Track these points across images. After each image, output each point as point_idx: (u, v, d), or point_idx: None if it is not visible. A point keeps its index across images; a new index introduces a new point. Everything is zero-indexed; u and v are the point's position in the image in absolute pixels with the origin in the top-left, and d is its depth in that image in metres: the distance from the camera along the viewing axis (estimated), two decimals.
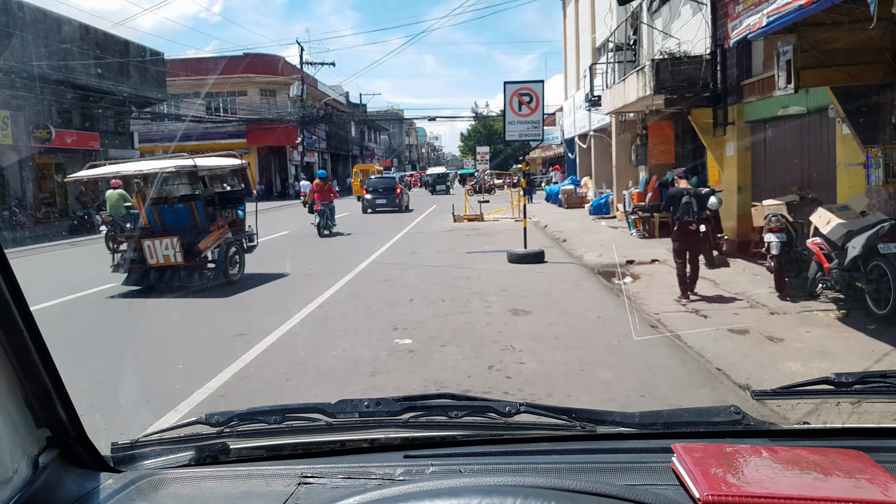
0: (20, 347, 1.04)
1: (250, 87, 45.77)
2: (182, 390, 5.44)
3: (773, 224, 8.39)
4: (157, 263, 10.22)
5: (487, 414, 1.39)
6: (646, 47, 17.34)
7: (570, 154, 33.51)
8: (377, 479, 1.20)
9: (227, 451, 1.33)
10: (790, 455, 1.21)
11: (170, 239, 10.14)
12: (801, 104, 9.81)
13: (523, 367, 5.84)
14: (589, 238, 15.93)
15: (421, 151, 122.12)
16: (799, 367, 5.60)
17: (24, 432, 1.06)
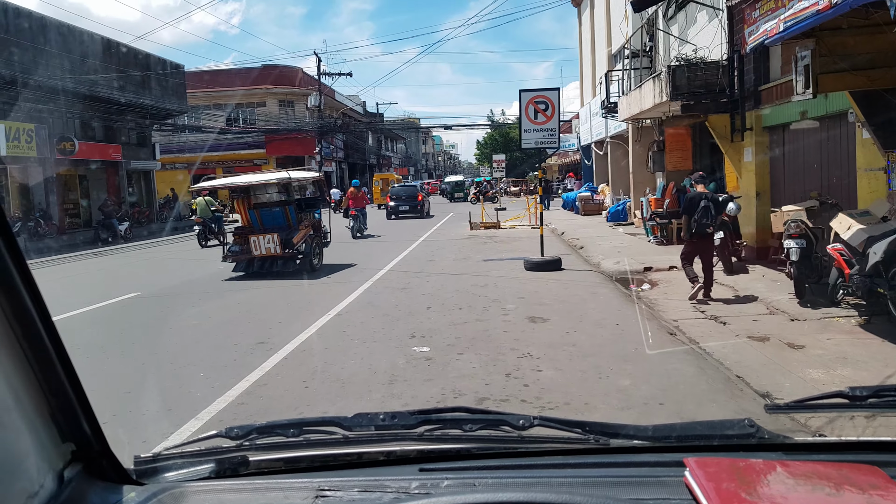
0: (46, 364, 1.06)
1: (269, 98, 46.20)
2: (203, 398, 5.50)
3: (792, 230, 8.33)
4: (260, 254, 12.92)
5: (501, 427, 1.40)
6: (662, 53, 17.31)
7: (586, 161, 33.43)
8: (393, 493, 1.21)
9: (246, 464, 1.35)
10: (803, 469, 1.21)
11: (270, 235, 12.84)
12: (820, 109, 9.75)
13: (541, 374, 5.84)
14: (606, 245, 15.88)
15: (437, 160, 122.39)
16: (820, 374, 5.56)
17: (49, 447, 1.08)
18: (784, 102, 10.37)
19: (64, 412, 1.11)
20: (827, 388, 5.16)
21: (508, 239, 18.87)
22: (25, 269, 1.01)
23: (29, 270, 1.02)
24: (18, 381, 1.02)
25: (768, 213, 10.78)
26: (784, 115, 10.84)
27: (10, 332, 1.00)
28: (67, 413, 1.12)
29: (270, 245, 12.82)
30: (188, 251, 19.90)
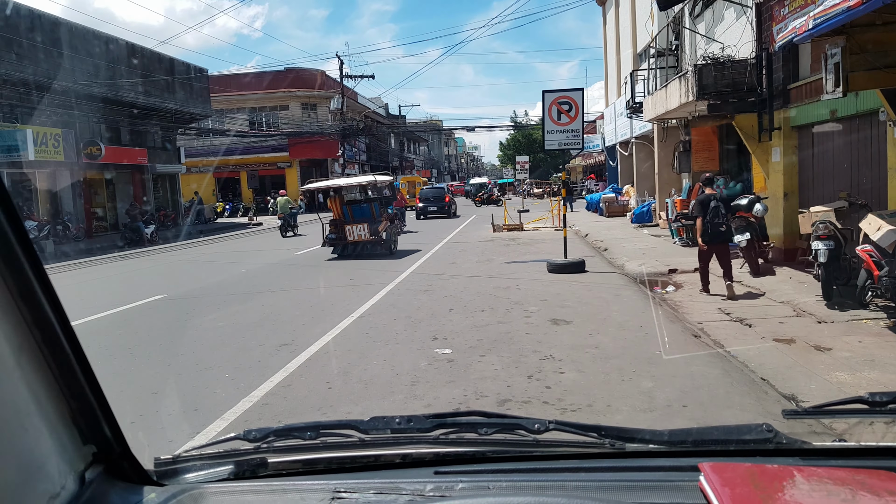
0: (66, 368, 1.08)
1: (292, 101, 46.53)
2: (228, 399, 5.54)
3: (820, 231, 8.20)
4: (352, 240, 16.45)
5: (517, 431, 1.40)
6: (688, 52, 17.15)
7: (611, 162, 33.24)
8: (408, 495, 1.22)
9: (264, 466, 1.37)
10: (820, 475, 1.19)
11: (360, 225, 16.44)
12: (850, 108, 9.59)
13: (563, 376, 5.80)
14: (630, 247, 15.76)
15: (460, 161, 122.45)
16: (846, 376, 5.46)
17: (71, 449, 1.10)
18: (813, 101, 10.22)
19: (84, 415, 1.13)
20: (854, 391, 5.07)
21: (531, 241, 18.81)
22: (44, 276, 1.03)
23: (48, 277, 1.04)
24: (39, 385, 1.04)
25: (796, 214, 10.62)
26: (813, 115, 10.68)
27: (31, 337, 1.02)
28: (88, 416, 1.14)
29: (361, 233, 16.40)
30: (214, 253, 20.13)
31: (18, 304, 0.99)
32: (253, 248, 21.21)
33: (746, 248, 10.66)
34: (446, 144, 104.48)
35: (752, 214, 10.89)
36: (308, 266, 11.83)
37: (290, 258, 17.42)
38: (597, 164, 42.86)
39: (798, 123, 11.32)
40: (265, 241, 23.46)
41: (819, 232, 8.22)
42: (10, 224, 0.95)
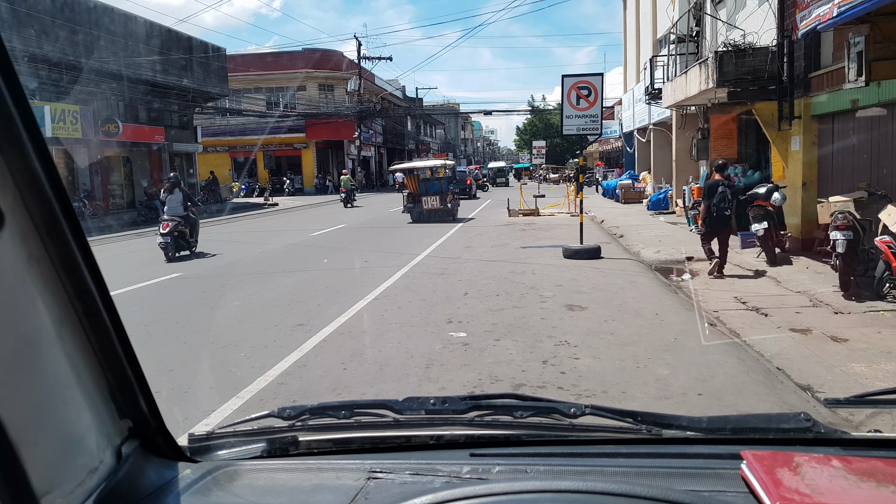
0: (105, 341, 1.08)
1: (309, 82, 46.45)
2: (244, 377, 5.60)
3: (839, 221, 8.13)
4: (427, 208, 21.93)
5: (552, 415, 1.39)
6: (709, 39, 16.96)
7: (628, 148, 33.02)
8: (444, 477, 1.21)
9: (296, 444, 1.37)
10: (865, 466, 1.18)
11: (433, 197, 22.02)
12: (872, 97, 9.47)
13: (578, 362, 5.82)
14: (647, 234, 15.70)
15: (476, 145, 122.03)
16: (863, 368, 5.44)
17: (109, 423, 1.10)
18: (835, 90, 10.10)
19: (122, 389, 1.13)
20: (870, 383, 5.06)
21: (547, 226, 18.77)
22: (87, 248, 1.02)
23: (90, 249, 1.03)
24: (80, 359, 1.04)
25: (814, 204, 10.54)
26: (834, 104, 10.55)
27: (72, 310, 1.02)
28: (125, 390, 1.14)
29: (434, 203, 21.99)
30: (233, 232, 20.23)
31: (61, 275, 0.99)
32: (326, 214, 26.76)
33: (763, 237, 10.58)
34: (463, 128, 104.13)
35: (770, 203, 10.80)
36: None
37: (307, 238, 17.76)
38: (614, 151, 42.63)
39: (819, 112, 11.19)
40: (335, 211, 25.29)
41: (838, 222, 8.15)
42: (56, 196, 0.95)
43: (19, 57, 20.42)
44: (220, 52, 33.95)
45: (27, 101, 0.89)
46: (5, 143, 0.87)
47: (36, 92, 22.07)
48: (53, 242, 0.97)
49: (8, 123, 0.87)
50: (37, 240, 0.94)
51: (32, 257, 0.93)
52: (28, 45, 20.64)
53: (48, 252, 0.96)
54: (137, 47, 26.28)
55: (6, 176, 0.88)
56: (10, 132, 0.87)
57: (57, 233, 0.97)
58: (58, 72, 21.94)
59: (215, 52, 33.13)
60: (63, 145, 23.35)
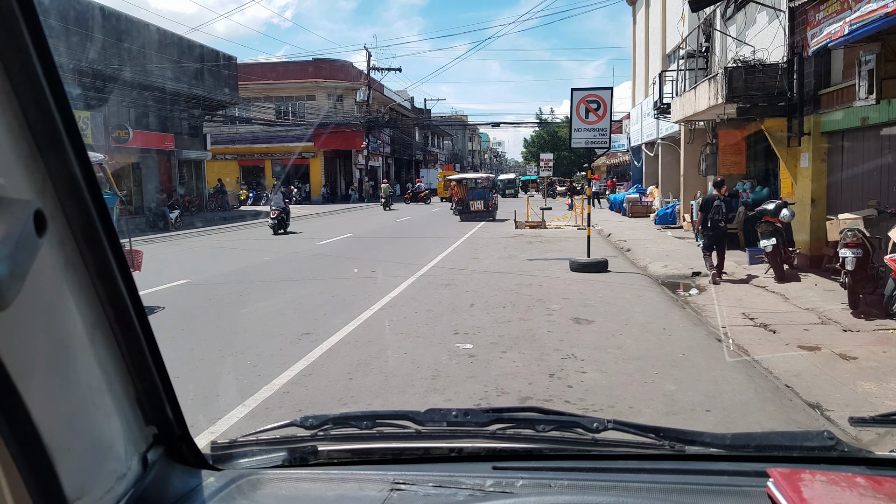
0: (135, 347, 1.08)
1: (318, 92, 46.69)
2: (250, 386, 5.60)
3: (848, 239, 8.10)
4: (473, 210, 27.52)
5: (574, 429, 1.39)
6: (718, 54, 16.98)
7: (636, 162, 33.02)
8: (468, 490, 1.21)
9: (316, 454, 1.37)
10: (892, 486, 1.16)
11: (478, 202, 27.87)
12: (883, 115, 9.45)
13: (585, 376, 5.79)
14: (654, 248, 15.67)
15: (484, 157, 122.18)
16: (872, 387, 5.40)
17: (136, 430, 1.10)
18: (845, 107, 10.09)
19: (149, 395, 1.13)
20: (880, 402, 5.02)
21: (554, 239, 18.76)
22: (121, 254, 1.03)
23: (124, 256, 1.04)
24: (110, 364, 1.04)
25: (823, 221, 10.49)
26: (844, 121, 10.53)
27: (104, 316, 1.02)
28: (152, 397, 1.14)
29: (479, 206, 28.00)
30: (239, 240, 20.30)
31: (95, 281, 0.99)
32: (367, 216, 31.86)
33: (772, 253, 10.55)
34: (470, 139, 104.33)
35: (778, 220, 10.77)
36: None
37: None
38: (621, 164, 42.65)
39: (828, 129, 11.17)
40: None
41: (847, 239, 8.12)
42: (94, 203, 0.96)
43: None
44: (231, 61, 34.16)
45: (71, 109, 0.90)
46: (48, 149, 0.87)
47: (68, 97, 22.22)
48: (89, 249, 0.97)
49: (52, 129, 0.87)
50: (73, 246, 0.95)
51: (69, 263, 0.94)
52: None
53: (84, 258, 0.97)
54: (149, 55, 26.46)
55: (47, 182, 0.88)
56: (53, 138, 0.88)
57: (93, 239, 0.97)
58: (69, 78, 22.08)
59: (226, 60, 33.34)
60: None
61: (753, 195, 14.93)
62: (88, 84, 23.09)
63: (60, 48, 21.44)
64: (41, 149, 0.87)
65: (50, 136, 0.87)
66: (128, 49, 25.18)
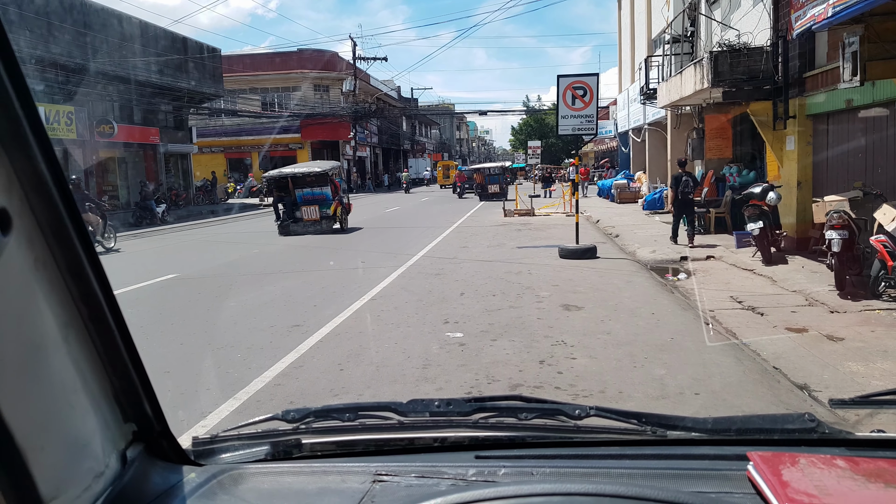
0: (111, 345, 1.08)
1: (304, 83, 46.41)
2: (240, 379, 5.59)
3: (834, 220, 8.16)
4: (490, 192, 32.65)
5: (557, 417, 1.39)
6: (703, 39, 17.00)
7: (623, 148, 33.08)
8: (450, 479, 1.21)
9: (300, 447, 1.36)
10: (871, 467, 1.17)
11: (494, 186, 33.22)
12: (867, 97, 9.50)
13: (575, 362, 5.82)
14: (642, 234, 15.72)
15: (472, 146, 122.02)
16: (859, 367, 5.45)
17: (113, 427, 1.10)
18: (829, 90, 10.13)
19: (126, 393, 1.12)
20: (867, 382, 5.08)
21: (542, 226, 18.78)
22: (92, 251, 1.02)
23: (95, 253, 1.03)
24: (85, 362, 1.03)
25: (809, 203, 10.56)
26: (829, 104, 10.59)
27: (78, 314, 1.01)
28: (130, 394, 1.13)
29: (495, 189, 32.61)
30: (229, 233, 20.21)
31: (67, 279, 0.98)
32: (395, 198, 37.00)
33: (759, 236, 10.61)
34: (458, 128, 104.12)
35: (765, 203, 10.83)
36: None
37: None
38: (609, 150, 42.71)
39: (813, 112, 11.23)
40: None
41: (833, 221, 8.17)
42: (62, 199, 0.94)
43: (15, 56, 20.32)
44: (216, 53, 33.88)
45: (34, 104, 0.88)
46: (12, 146, 0.86)
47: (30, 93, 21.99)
48: (59, 246, 0.96)
49: (15, 126, 0.86)
50: (43, 243, 0.93)
51: (39, 261, 0.92)
52: (23, 45, 20.57)
53: (54, 256, 0.96)
54: (132, 48, 26.22)
55: (13, 179, 0.87)
56: (17, 135, 0.86)
57: (63, 236, 0.96)
58: (52, 72, 21.86)
59: (210, 52, 33.07)
60: (58, 146, 23.24)
61: (740, 179, 15.00)
62: (72, 79, 22.87)
63: (41, 43, 21.21)
64: (5, 146, 0.85)
65: (13, 133, 0.86)
66: (111, 43, 24.93)
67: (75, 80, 23.01)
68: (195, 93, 31.73)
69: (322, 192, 19.35)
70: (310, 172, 19.53)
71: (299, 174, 19.45)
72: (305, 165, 21.69)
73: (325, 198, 19.29)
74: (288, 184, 19.45)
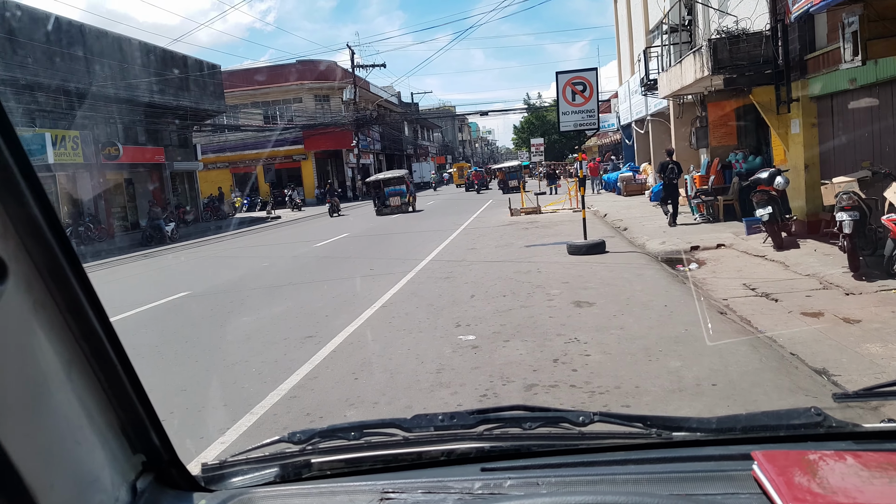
0: (114, 379, 1.09)
1: (304, 94, 46.55)
2: (256, 393, 5.59)
3: (844, 202, 8.08)
4: (511, 186, 36.67)
5: (561, 424, 1.39)
6: (701, 27, 16.93)
7: (627, 140, 32.97)
8: (457, 493, 1.21)
9: (309, 467, 1.37)
10: (878, 460, 1.16)
11: (514, 181, 37.32)
12: (870, 76, 9.42)
13: (589, 359, 5.79)
14: (650, 225, 15.66)
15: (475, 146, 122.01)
16: (878, 348, 5.40)
17: (122, 459, 1.11)
18: (832, 71, 10.06)
19: (133, 425, 1.14)
20: (887, 363, 5.02)
21: (550, 224, 18.74)
22: (90, 289, 1.03)
23: (94, 290, 1.04)
24: (90, 398, 1.05)
25: (818, 186, 10.48)
26: (832, 85, 10.51)
27: (80, 351, 1.03)
28: (137, 426, 1.15)
29: (514, 183, 35.79)
30: (238, 248, 20.29)
31: (67, 319, 1.00)
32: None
33: (769, 221, 10.54)
34: (460, 130, 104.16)
35: (773, 188, 10.75)
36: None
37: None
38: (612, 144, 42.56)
39: (816, 94, 11.15)
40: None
41: (843, 203, 8.10)
42: (54, 236, 0.95)
43: (19, 85, 20.51)
44: (216, 69, 34.05)
45: (23, 149, 0.89)
46: (5, 193, 0.87)
47: (36, 119, 22.17)
48: (58, 287, 0.97)
49: (6, 173, 0.87)
50: (41, 286, 0.95)
51: (38, 303, 0.94)
52: (27, 72, 20.73)
53: (53, 297, 0.97)
54: (134, 69, 26.39)
55: (7, 225, 0.88)
56: (8, 181, 0.87)
57: (61, 277, 0.97)
58: (57, 98, 22.04)
59: (210, 69, 33.24)
60: (65, 171, 23.46)
61: (747, 165, 14.92)
62: (76, 104, 23.03)
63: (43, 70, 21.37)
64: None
65: (5, 180, 0.87)
66: (113, 66, 25.09)
67: (80, 105, 23.19)
68: (198, 110, 31.90)
69: (401, 188, 30.75)
70: (393, 177, 31.53)
71: (387, 178, 31.37)
72: (389, 173, 33.28)
73: (402, 192, 30.58)
74: (380, 185, 30.92)
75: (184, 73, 30.23)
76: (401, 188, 30.60)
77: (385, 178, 31.34)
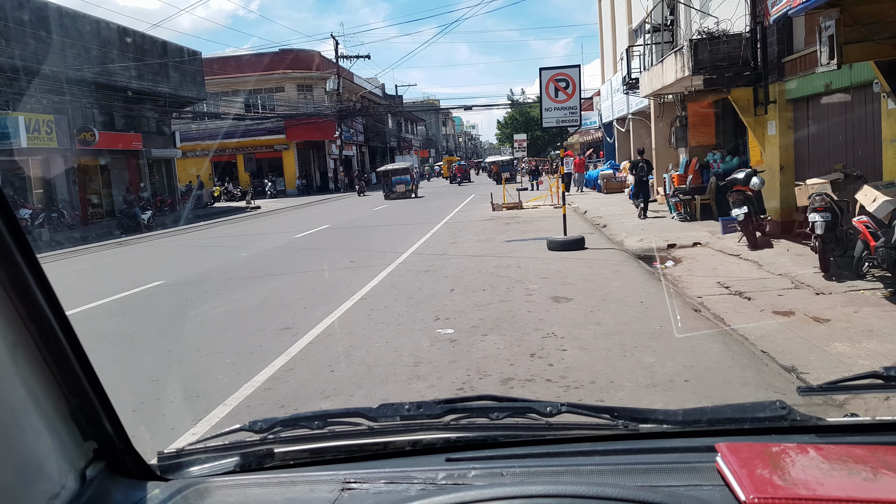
0: (64, 363, 1.06)
1: (287, 83, 46.21)
2: (230, 384, 5.57)
3: (817, 203, 8.22)
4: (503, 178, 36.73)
5: (528, 415, 1.38)
6: (683, 27, 17.06)
7: (608, 138, 33.15)
8: (419, 484, 1.20)
9: (271, 457, 1.34)
10: (838, 453, 1.18)
11: (506, 173, 42.43)
12: (845, 80, 9.57)
13: (565, 353, 5.85)
14: (629, 223, 15.79)
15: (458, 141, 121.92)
16: (846, 347, 5.51)
17: (71, 447, 1.08)
18: (808, 74, 10.20)
19: (84, 411, 1.11)
20: (853, 362, 5.13)
21: (531, 219, 18.82)
22: (38, 268, 1.00)
23: (42, 269, 1.00)
24: (36, 382, 1.01)
25: (792, 187, 10.63)
26: (808, 88, 10.66)
27: (27, 333, 0.99)
28: (88, 412, 1.11)
29: (506, 175, 40.28)
30: (215, 237, 20.15)
31: (12, 298, 0.96)
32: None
33: (744, 221, 10.68)
34: (444, 124, 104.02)
35: (749, 188, 10.90)
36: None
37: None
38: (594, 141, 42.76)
39: (793, 97, 11.30)
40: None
41: (815, 204, 8.24)
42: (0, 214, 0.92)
43: None
44: (196, 56, 33.68)
45: None
46: None
47: (9, 102, 21.80)
48: (2, 265, 0.94)
49: None
50: None
51: None
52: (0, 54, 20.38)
53: None
54: (112, 53, 26.02)
55: None
56: None
57: (5, 255, 0.94)
58: (31, 81, 21.67)
59: (191, 55, 32.87)
60: (39, 155, 23.09)
61: (724, 165, 15.08)
62: (50, 87, 22.68)
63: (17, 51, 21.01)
64: None
65: None
66: (89, 49, 24.74)
67: (55, 89, 22.83)
68: (177, 97, 31.54)
69: (406, 177, 36.22)
70: (399, 168, 37.72)
71: (394, 169, 37.41)
72: (396, 164, 41.01)
73: (406, 181, 35.98)
74: (388, 174, 36.58)
75: (163, 58, 29.88)
76: (405, 177, 36.12)
77: (393, 169, 37.52)
